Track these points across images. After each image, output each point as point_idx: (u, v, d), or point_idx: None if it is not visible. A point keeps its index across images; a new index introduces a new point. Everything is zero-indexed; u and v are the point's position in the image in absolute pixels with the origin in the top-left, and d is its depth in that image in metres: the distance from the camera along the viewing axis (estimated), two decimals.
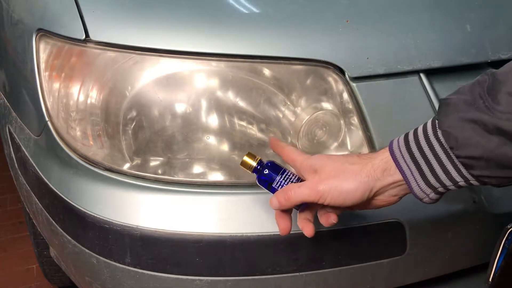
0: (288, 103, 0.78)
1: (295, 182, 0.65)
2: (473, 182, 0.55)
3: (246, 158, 0.69)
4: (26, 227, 1.63)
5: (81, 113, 0.78)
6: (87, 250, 0.80)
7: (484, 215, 0.84)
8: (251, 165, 0.68)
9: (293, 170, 0.68)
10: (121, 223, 0.75)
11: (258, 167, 0.68)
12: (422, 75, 0.78)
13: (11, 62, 0.95)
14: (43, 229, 0.99)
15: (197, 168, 0.78)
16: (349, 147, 0.80)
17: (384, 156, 0.60)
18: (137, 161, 0.78)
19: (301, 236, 0.65)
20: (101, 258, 0.78)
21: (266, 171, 0.67)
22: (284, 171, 0.67)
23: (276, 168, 0.67)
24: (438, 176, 0.55)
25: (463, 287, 0.96)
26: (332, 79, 0.76)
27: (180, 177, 0.78)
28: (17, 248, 1.83)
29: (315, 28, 0.76)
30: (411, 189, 0.58)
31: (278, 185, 0.66)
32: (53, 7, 0.81)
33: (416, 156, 0.56)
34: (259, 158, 0.69)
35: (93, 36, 0.74)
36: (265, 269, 0.76)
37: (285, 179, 0.66)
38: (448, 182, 0.55)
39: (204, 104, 0.76)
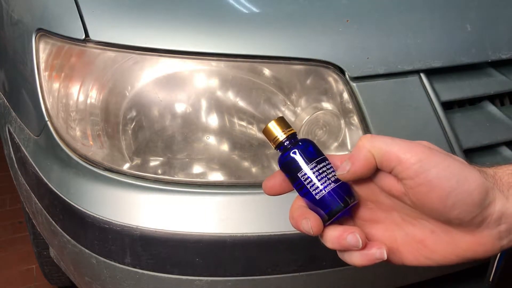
0: (288, 103, 0.77)
1: (334, 181, 0.46)
2: None
3: (273, 125, 0.48)
4: (25, 227, 1.63)
5: (81, 113, 0.78)
6: (87, 250, 0.80)
7: None
8: (276, 138, 0.48)
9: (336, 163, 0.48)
10: (121, 223, 0.75)
11: (287, 143, 0.48)
12: (422, 75, 0.78)
13: (11, 62, 0.95)
14: (43, 229, 0.98)
15: (197, 168, 0.78)
16: (349, 147, 0.80)
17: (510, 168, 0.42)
18: (137, 161, 0.78)
19: (301, 236, 0.64)
20: (101, 258, 0.78)
21: (297, 151, 0.47)
22: (324, 159, 0.47)
23: (314, 152, 0.47)
24: None
25: (463, 287, 0.96)
26: (332, 79, 0.76)
27: (180, 177, 0.77)
28: (17, 248, 1.83)
29: (315, 28, 0.76)
30: None
31: (306, 177, 0.46)
32: (53, 7, 0.81)
33: None
34: (293, 130, 0.49)
35: (93, 36, 0.74)
36: (265, 269, 0.76)
37: (321, 171, 0.46)
38: None
39: (204, 104, 0.76)
